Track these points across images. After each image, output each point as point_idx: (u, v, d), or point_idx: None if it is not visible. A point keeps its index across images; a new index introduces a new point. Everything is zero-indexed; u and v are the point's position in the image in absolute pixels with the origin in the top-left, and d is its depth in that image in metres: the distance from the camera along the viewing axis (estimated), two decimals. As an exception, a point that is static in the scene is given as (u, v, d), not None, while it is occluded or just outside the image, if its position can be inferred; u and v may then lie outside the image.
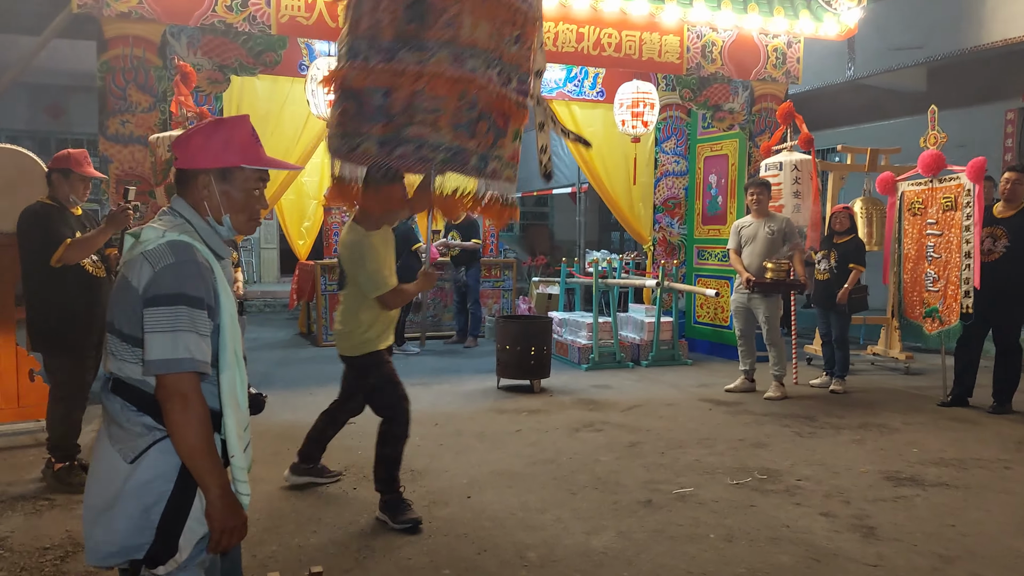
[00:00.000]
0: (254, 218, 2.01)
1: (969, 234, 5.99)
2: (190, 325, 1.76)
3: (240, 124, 1.97)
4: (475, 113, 3.15)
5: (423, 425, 5.66)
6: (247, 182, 1.96)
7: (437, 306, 10.16)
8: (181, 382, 1.77)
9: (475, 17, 3.13)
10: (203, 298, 1.80)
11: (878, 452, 5.03)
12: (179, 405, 1.77)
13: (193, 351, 1.76)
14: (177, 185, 1.96)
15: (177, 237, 1.82)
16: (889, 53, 10.56)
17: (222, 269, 1.90)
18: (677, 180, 9.34)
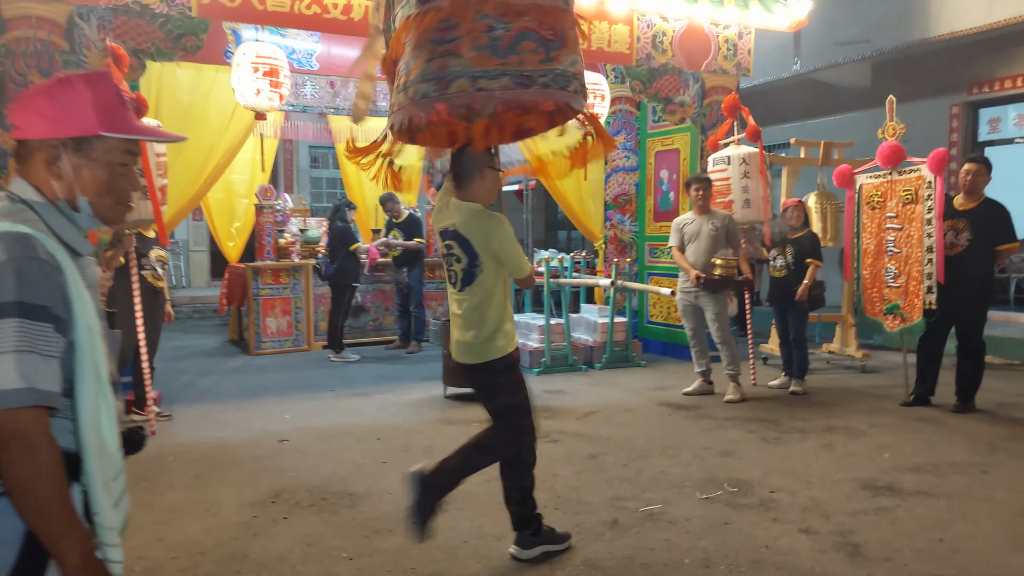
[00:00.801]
0: (123, 202, 1.55)
1: (931, 227, 5.79)
2: (27, 343, 1.30)
3: (100, 81, 1.51)
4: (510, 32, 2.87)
5: (364, 440, 5.22)
6: (110, 154, 1.50)
7: (378, 309, 9.67)
8: (19, 420, 1.31)
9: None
10: (47, 307, 1.34)
11: (849, 458, 4.76)
12: (18, 450, 1.31)
13: (33, 378, 1.31)
14: (17, 162, 1.49)
15: (11, 227, 1.36)
16: (835, 47, 10.47)
17: (80, 269, 1.45)
18: (628, 176, 9.04)
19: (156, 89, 6.97)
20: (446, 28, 2.89)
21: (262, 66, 6.33)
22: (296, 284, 9.01)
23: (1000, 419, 5.72)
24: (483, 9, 2.87)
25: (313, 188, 15.97)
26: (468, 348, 3.33)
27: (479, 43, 2.87)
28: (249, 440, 5.26)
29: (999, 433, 5.30)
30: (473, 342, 3.29)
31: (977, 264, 5.70)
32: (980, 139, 10.04)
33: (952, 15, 8.89)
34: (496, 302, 3.27)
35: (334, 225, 8.52)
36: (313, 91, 9.24)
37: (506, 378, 3.33)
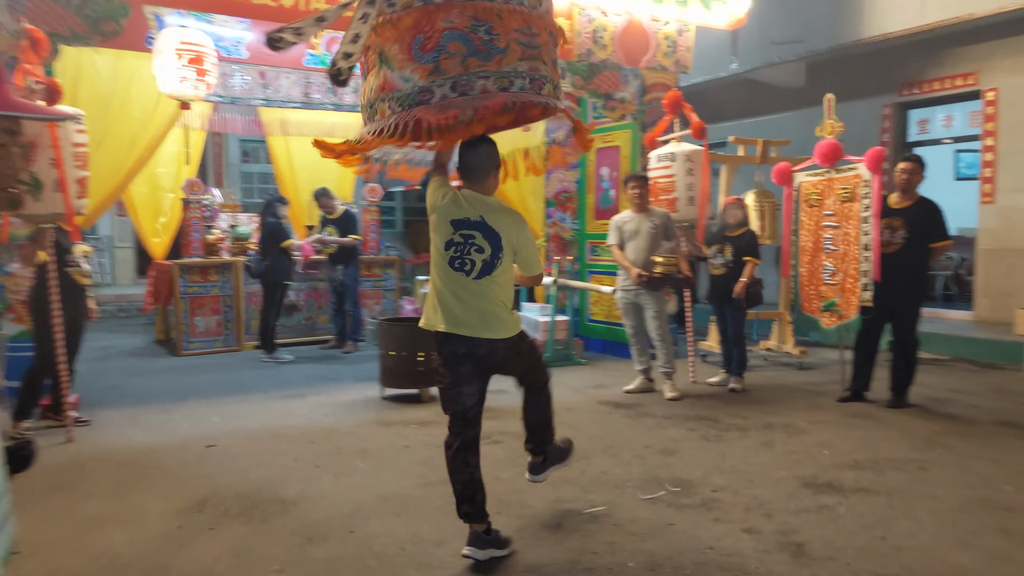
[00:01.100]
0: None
1: (867, 225, 5.84)
2: None
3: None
4: None
5: (296, 443, 5.01)
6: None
7: (312, 308, 9.39)
8: None
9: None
10: None
11: (789, 455, 4.75)
12: None
13: None
14: None
15: None
16: (770, 48, 10.59)
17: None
18: (568, 173, 8.97)
19: (73, 76, 6.58)
20: None
21: (187, 53, 6.04)
22: (226, 282, 8.68)
23: (934, 414, 5.81)
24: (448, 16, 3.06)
25: (244, 183, 15.50)
26: (495, 324, 3.45)
27: None
28: (175, 445, 5.00)
29: (934, 428, 5.37)
30: (500, 319, 3.45)
31: (912, 262, 5.77)
32: (909, 139, 10.28)
33: (884, 17, 9.07)
34: (510, 287, 3.55)
35: (265, 221, 8.22)
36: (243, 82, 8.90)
37: (524, 339, 3.65)
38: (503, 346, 3.47)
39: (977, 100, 9.28)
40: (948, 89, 9.56)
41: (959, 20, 8.37)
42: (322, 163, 10.50)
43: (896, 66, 10.01)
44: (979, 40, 9.01)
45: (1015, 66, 8.82)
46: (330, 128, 10.37)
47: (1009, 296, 8.88)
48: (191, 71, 6.04)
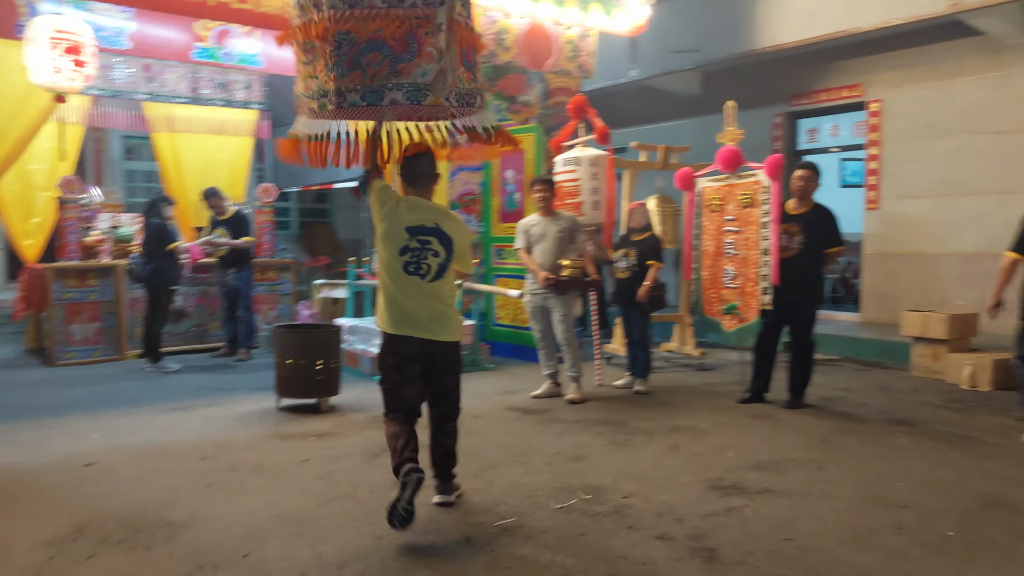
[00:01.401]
0: None
1: (767, 230, 5.97)
2: None
3: None
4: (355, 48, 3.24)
5: (185, 460, 4.69)
6: None
7: (202, 314, 8.93)
8: None
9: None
10: None
11: (696, 459, 4.77)
12: None
13: None
14: None
15: None
16: (668, 56, 10.78)
17: None
18: (472, 175, 8.86)
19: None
20: None
21: (62, 42, 5.60)
22: (106, 287, 8.14)
23: (828, 413, 5.98)
24: None
25: (127, 181, 14.65)
26: (444, 326, 3.75)
27: None
28: (49, 464, 4.59)
29: (829, 427, 5.53)
30: (451, 320, 3.79)
31: (808, 266, 5.93)
32: (799, 147, 10.66)
33: (776, 29, 9.36)
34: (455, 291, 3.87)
35: (150, 222, 7.72)
36: (125, 75, 8.42)
37: (459, 349, 3.94)
38: (451, 347, 3.83)
39: (862, 111, 9.70)
40: (835, 100, 9.97)
41: (846, 33, 8.73)
42: (211, 161, 10.13)
43: (787, 77, 10.37)
44: (864, 53, 9.43)
45: (897, 79, 9.28)
46: (220, 124, 9.95)
47: (892, 298, 9.32)
48: (67, 61, 5.62)
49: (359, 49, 3.23)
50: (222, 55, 7.31)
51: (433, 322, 3.70)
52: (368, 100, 3.29)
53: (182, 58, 7.22)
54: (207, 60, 7.32)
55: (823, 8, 8.86)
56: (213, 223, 8.44)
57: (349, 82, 3.26)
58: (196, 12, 6.08)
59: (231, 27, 7.25)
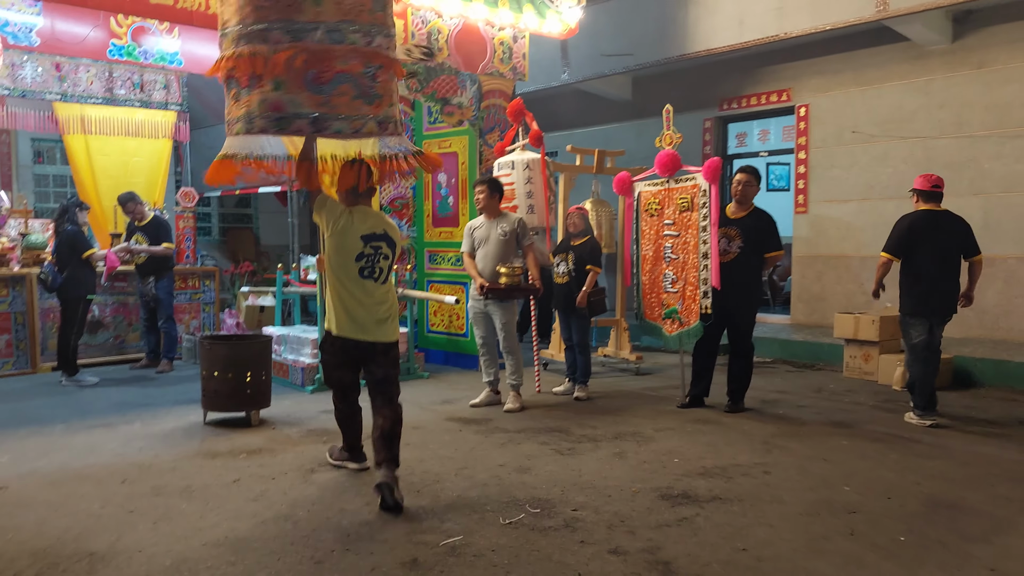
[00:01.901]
0: None
1: (706, 234, 5.96)
2: None
3: None
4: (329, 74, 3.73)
5: (105, 485, 4.38)
6: None
7: (120, 325, 8.48)
8: None
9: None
10: None
11: (642, 466, 4.70)
12: None
13: None
14: None
15: None
16: (600, 59, 10.80)
17: None
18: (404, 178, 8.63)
19: None
20: None
21: (-37, 34, 5.19)
22: (16, 296, 7.64)
23: (768, 416, 6.01)
24: None
25: (37, 187, 13.90)
26: (387, 328, 4.23)
27: None
28: (-51, 494, 4.22)
29: (770, 431, 5.54)
30: (391, 324, 4.25)
31: (747, 271, 5.95)
32: (729, 152, 10.81)
33: (707, 34, 9.45)
34: None
35: (62, 228, 7.27)
36: (34, 73, 7.93)
37: (398, 351, 4.42)
38: (387, 348, 4.24)
39: (790, 116, 9.89)
40: (764, 105, 10.14)
41: (775, 39, 8.87)
42: (128, 165, 9.65)
43: (717, 82, 10.50)
44: (793, 59, 9.62)
45: (824, 84, 9.49)
46: (137, 126, 9.51)
47: (821, 300, 9.51)
48: (-32, 55, 5.20)
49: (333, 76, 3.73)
50: (139, 53, 6.92)
51: (377, 326, 4.17)
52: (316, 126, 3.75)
53: (97, 56, 6.80)
54: (123, 58, 6.91)
55: (752, 14, 8.99)
56: (130, 229, 8.01)
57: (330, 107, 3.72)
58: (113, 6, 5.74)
59: (149, 24, 6.88)
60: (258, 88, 3.70)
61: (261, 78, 3.68)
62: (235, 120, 3.85)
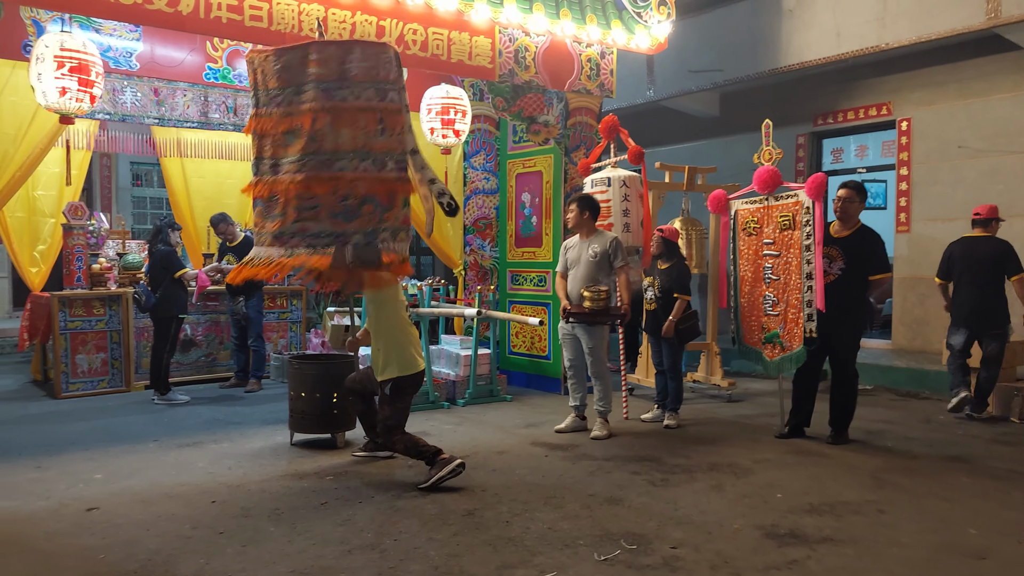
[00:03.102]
0: None
1: (810, 254, 5.65)
2: None
3: None
4: (355, 201, 4.35)
5: (194, 505, 4.37)
6: None
7: (211, 343, 8.63)
8: None
9: (336, 128, 4.32)
10: None
11: (742, 501, 4.43)
12: None
13: None
14: None
15: None
16: (686, 76, 10.56)
17: None
18: (487, 199, 8.58)
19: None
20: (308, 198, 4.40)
21: (69, 61, 5.34)
22: (113, 316, 7.85)
23: (874, 449, 5.64)
24: None
25: (136, 208, 14.48)
26: None
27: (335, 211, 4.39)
28: (46, 511, 4.26)
29: (878, 465, 5.18)
30: None
31: (849, 293, 5.59)
32: (824, 168, 10.37)
33: (801, 47, 9.12)
34: None
35: (156, 249, 7.44)
36: (134, 98, 8.18)
37: None
38: None
39: (891, 130, 9.43)
40: (862, 119, 9.69)
41: (874, 50, 8.47)
42: (221, 187, 9.88)
43: (811, 96, 10.11)
44: (893, 71, 9.17)
45: (927, 97, 9.01)
46: (230, 149, 9.73)
47: (924, 324, 8.98)
48: (73, 81, 5.35)
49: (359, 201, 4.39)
50: (234, 76, 7.06)
51: None
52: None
53: (193, 79, 6.97)
54: (218, 81, 7.06)
55: (851, 25, 8.62)
56: (222, 249, 8.17)
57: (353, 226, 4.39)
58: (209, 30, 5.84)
59: (243, 47, 7.02)
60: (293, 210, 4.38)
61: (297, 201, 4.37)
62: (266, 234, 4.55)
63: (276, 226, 4.44)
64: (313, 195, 4.32)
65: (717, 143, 11.21)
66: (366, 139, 4.35)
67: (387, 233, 4.42)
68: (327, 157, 4.31)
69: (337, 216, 4.32)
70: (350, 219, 4.34)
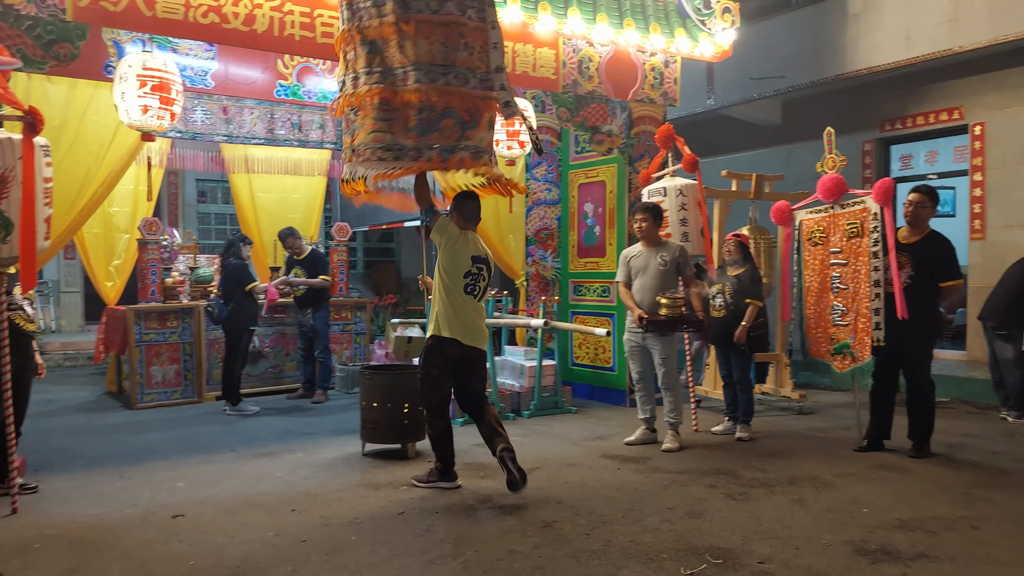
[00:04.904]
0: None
1: (877, 261, 5.52)
2: None
3: None
4: (435, 114, 4.19)
5: (276, 513, 4.43)
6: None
7: (278, 355, 8.78)
8: None
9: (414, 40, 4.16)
10: None
11: (827, 516, 4.32)
12: None
13: None
14: None
15: None
16: (747, 83, 10.43)
17: None
18: (549, 209, 8.59)
19: (21, 105, 6.00)
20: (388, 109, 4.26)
21: (151, 80, 5.50)
22: (185, 328, 8.04)
23: (960, 463, 5.46)
24: None
25: (201, 224, 14.85)
26: (485, 338, 4.89)
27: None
28: (135, 517, 4.37)
29: (967, 480, 5.01)
30: (484, 335, 4.87)
31: (918, 301, 5.43)
32: (893, 175, 10.12)
33: (868, 51, 8.94)
34: None
35: (227, 263, 7.62)
36: (204, 117, 8.42)
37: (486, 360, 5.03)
38: (484, 356, 4.91)
39: (963, 135, 9.17)
40: (932, 124, 9.43)
41: (946, 53, 8.27)
42: (286, 201, 10.07)
43: (878, 102, 9.90)
44: (965, 74, 8.93)
45: (1001, 101, 8.74)
46: (295, 164, 9.92)
47: (1001, 334, 8.67)
48: (155, 100, 5.51)
49: (438, 115, 4.21)
50: (303, 92, 7.19)
51: (478, 333, 4.78)
52: (443, 156, 4.26)
53: (265, 96, 7.12)
54: (289, 98, 7.19)
55: (921, 28, 8.42)
56: (289, 263, 8.31)
57: (427, 140, 4.22)
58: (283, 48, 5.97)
59: (313, 63, 7.16)
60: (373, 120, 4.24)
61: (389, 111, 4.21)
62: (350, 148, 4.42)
63: (353, 140, 4.37)
64: (391, 106, 4.20)
65: (779, 151, 11.05)
66: (445, 53, 4.19)
67: (467, 153, 4.26)
68: (404, 70, 4.19)
69: (411, 129, 4.19)
70: (425, 132, 4.20)
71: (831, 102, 10.19)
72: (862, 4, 9.24)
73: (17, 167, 4.15)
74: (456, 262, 4.66)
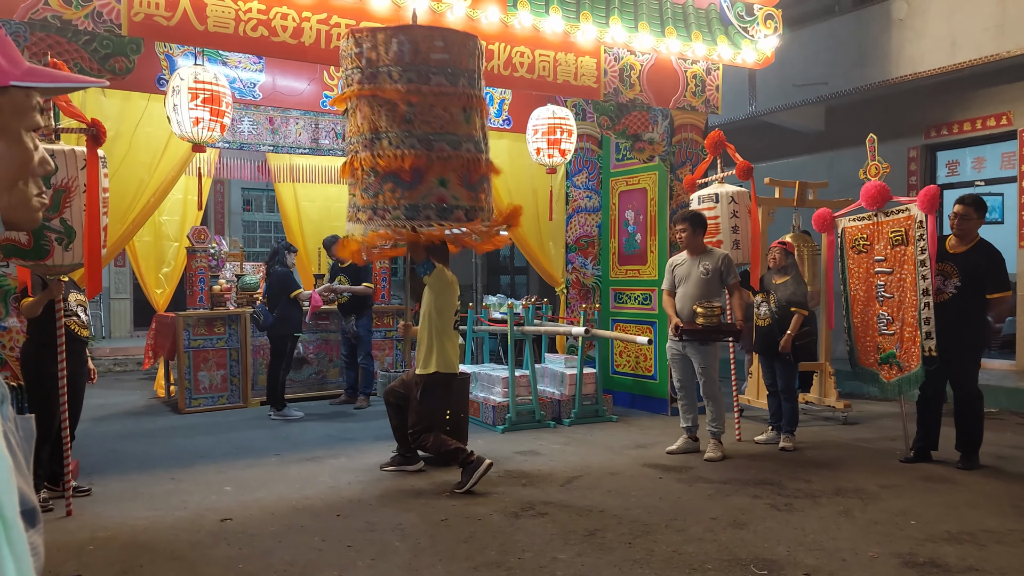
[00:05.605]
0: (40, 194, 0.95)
1: (924, 269, 5.45)
2: None
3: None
4: None
5: (321, 518, 4.50)
6: (21, 117, 0.90)
7: (322, 361, 8.91)
8: None
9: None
10: None
11: (873, 527, 4.27)
12: None
13: None
14: None
15: None
16: (789, 90, 10.35)
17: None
18: (589, 217, 8.60)
19: (77, 118, 6.21)
20: None
21: (202, 92, 5.64)
22: (232, 334, 8.20)
23: (1009, 475, 5.35)
24: None
25: (246, 232, 15.12)
26: None
27: None
28: (185, 520, 4.48)
29: (1017, 492, 4.91)
30: None
31: (965, 312, 5.34)
32: (939, 182, 9.96)
33: (913, 57, 8.83)
34: None
35: (272, 270, 7.76)
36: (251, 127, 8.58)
37: None
38: (465, 378, 5.86)
39: (1011, 141, 9.00)
40: (979, 130, 9.27)
41: (993, 59, 8.13)
42: (330, 210, 10.23)
43: (923, 108, 9.76)
44: (1012, 79, 8.76)
45: (1052, 106, 8.57)
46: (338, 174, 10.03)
47: (1053, 344, 8.49)
48: (206, 112, 5.65)
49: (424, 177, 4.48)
50: (347, 102, 7.33)
51: (457, 361, 5.39)
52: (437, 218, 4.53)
53: (311, 107, 7.27)
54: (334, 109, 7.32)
55: (967, 33, 8.29)
56: (333, 270, 8.43)
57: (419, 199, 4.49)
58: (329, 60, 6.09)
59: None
60: (423, 184, 4.42)
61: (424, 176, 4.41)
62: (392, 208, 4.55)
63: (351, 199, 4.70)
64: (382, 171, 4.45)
65: (821, 157, 10.94)
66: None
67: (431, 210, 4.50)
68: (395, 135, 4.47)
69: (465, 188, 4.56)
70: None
71: (875, 108, 10.07)
72: (907, 10, 9.12)
73: (80, 177, 4.30)
74: (450, 303, 5.30)
